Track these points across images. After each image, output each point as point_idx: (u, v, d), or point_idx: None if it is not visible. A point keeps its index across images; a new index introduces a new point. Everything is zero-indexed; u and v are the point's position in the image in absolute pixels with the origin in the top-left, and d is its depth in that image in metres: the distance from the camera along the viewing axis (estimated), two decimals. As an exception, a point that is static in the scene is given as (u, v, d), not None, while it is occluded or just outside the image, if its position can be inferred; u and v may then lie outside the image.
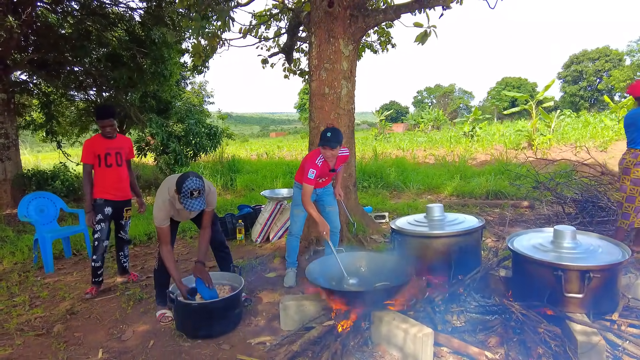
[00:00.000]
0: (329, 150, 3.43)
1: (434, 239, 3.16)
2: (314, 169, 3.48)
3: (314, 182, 3.51)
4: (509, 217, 5.43)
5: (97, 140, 3.83)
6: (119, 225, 4.06)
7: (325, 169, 3.62)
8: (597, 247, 2.73)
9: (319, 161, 3.54)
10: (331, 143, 3.40)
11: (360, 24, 4.47)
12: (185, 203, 2.80)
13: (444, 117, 36.08)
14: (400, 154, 14.86)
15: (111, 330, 3.14)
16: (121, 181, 3.90)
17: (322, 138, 3.45)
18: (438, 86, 60.13)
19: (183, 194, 2.78)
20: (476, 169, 9.58)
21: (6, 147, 9.01)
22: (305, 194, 3.48)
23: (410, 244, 3.26)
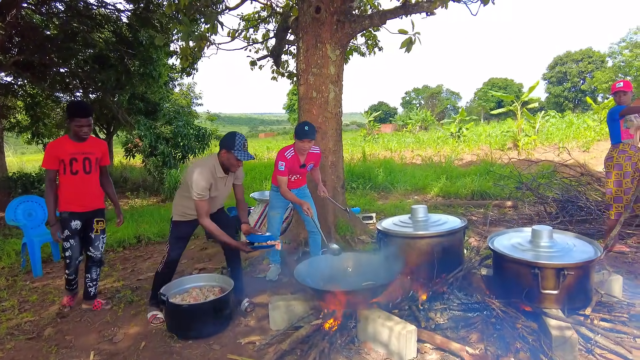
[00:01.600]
0: (307, 142, 3.68)
1: (417, 239, 3.27)
2: (283, 161, 3.73)
3: (286, 173, 3.74)
4: (490, 217, 5.58)
5: (62, 143, 3.28)
6: (87, 240, 3.48)
7: (295, 163, 3.80)
8: (572, 246, 2.86)
9: (289, 154, 3.77)
10: (310, 135, 3.67)
11: (347, 30, 4.57)
12: (240, 155, 3.00)
13: (431, 117, 36.47)
14: (389, 154, 15.02)
15: (102, 333, 3.18)
16: (89, 190, 3.39)
17: (301, 131, 3.67)
18: (426, 87, 60.73)
19: (237, 147, 2.99)
20: (462, 169, 9.76)
21: (-9, 150, 8.92)
22: (281, 184, 3.72)
23: (396, 245, 3.36)
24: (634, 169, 4.11)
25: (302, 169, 3.91)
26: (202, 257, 4.94)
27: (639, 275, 3.65)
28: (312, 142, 3.73)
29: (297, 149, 3.78)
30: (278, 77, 8.60)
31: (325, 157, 4.84)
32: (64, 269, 3.53)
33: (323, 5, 4.36)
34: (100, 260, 3.60)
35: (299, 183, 4.05)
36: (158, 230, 6.10)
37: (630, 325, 2.62)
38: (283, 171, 3.71)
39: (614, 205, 4.13)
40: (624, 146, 4.09)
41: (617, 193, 4.10)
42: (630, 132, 4.10)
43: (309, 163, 3.96)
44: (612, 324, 2.63)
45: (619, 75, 25.14)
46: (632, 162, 4.08)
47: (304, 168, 3.92)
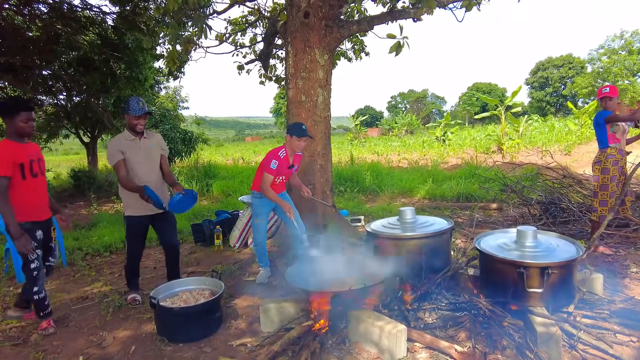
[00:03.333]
0: (303, 141, 3.75)
1: (406, 240, 3.33)
2: (277, 159, 3.75)
3: (275, 173, 3.75)
4: (476, 219, 5.68)
5: (13, 146, 2.93)
6: (46, 250, 3.33)
7: (285, 164, 3.84)
8: (556, 246, 2.95)
9: (282, 154, 3.81)
10: (307, 133, 3.77)
11: (335, 34, 4.63)
12: (134, 109, 3.38)
13: (417, 121, 36.85)
14: (375, 158, 15.15)
15: (91, 338, 3.15)
16: (46, 196, 3.21)
17: (298, 129, 3.74)
18: (411, 91, 61.43)
19: (132, 104, 3.39)
20: (447, 172, 9.91)
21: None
22: (266, 182, 3.73)
23: (386, 247, 3.41)
24: (620, 173, 4.24)
25: (289, 169, 3.94)
26: (191, 261, 4.91)
27: (618, 273, 3.77)
28: (306, 142, 3.82)
29: (290, 148, 3.82)
30: (266, 82, 8.65)
31: (314, 161, 4.89)
32: (29, 288, 3.20)
33: (312, 10, 4.42)
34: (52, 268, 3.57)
35: (281, 187, 4.08)
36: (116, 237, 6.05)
37: (610, 321, 2.71)
38: (274, 170, 3.71)
39: (599, 208, 4.25)
40: (612, 150, 4.21)
41: (603, 196, 4.23)
42: (616, 137, 4.23)
43: (296, 165, 4.01)
44: (593, 320, 2.72)
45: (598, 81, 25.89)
46: (618, 166, 4.21)
47: (291, 169, 3.97)
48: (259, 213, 4.02)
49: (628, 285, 3.52)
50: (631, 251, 4.34)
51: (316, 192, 4.94)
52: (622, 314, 2.78)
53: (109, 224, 6.88)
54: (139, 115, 3.40)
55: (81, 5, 10.28)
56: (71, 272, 4.84)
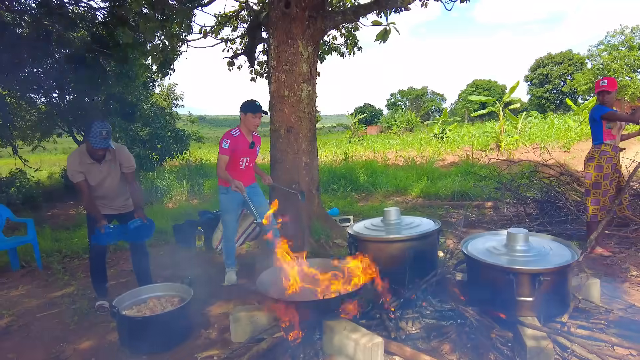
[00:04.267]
0: (258, 117, 3.64)
1: (388, 243, 3.11)
2: (228, 138, 3.62)
3: (228, 153, 3.62)
4: (469, 219, 5.46)
5: None
6: None
7: (242, 143, 3.69)
8: (549, 249, 2.72)
9: (235, 132, 3.69)
10: (262, 109, 3.64)
11: (319, 25, 4.40)
12: (93, 140, 3.03)
13: (416, 119, 36.60)
14: (372, 156, 14.92)
15: (50, 349, 2.93)
16: None
17: (252, 105, 3.64)
18: (411, 89, 61.01)
19: (92, 134, 3.02)
20: (443, 170, 9.68)
21: (-45, 152, 8.49)
22: (220, 163, 3.62)
23: (366, 249, 3.19)
24: (614, 170, 4.01)
25: (251, 149, 3.77)
26: (169, 264, 4.69)
27: (617, 277, 3.55)
28: (261, 119, 3.69)
29: (245, 127, 3.69)
30: (257, 78, 8.40)
31: (299, 158, 4.66)
32: None
33: (293, 0, 4.19)
34: None
35: (249, 176, 3.88)
36: None
37: (608, 332, 2.49)
38: (226, 149, 3.59)
39: (591, 207, 4.03)
40: (606, 147, 3.98)
41: (595, 195, 4.00)
42: (612, 133, 3.99)
43: (257, 145, 3.85)
44: (589, 331, 2.50)
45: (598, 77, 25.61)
46: (612, 163, 3.98)
47: (253, 148, 3.79)
48: (227, 209, 3.86)
49: (628, 290, 3.30)
50: (631, 252, 4.12)
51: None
52: (621, 324, 2.56)
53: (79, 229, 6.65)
54: (99, 149, 3.14)
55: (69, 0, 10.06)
56: (45, 276, 4.62)
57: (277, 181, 4.69)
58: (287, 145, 4.58)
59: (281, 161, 4.64)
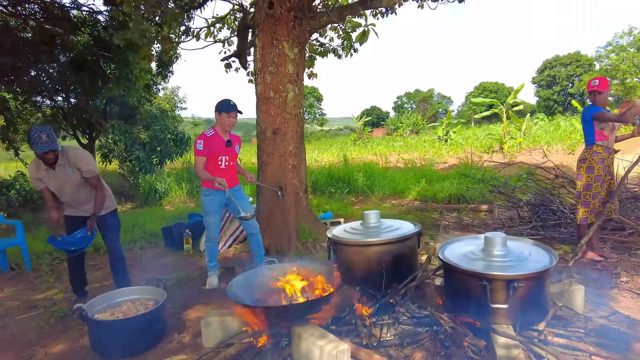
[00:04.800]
0: (232, 116, 3.61)
1: (364, 247, 3.04)
2: (202, 139, 3.60)
3: (204, 154, 3.60)
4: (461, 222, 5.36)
5: None
6: None
7: (218, 142, 3.66)
8: (528, 254, 2.63)
9: (209, 132, 3.68)
10: (236, 108, 3.62)
11: (305, 26, 4.36)
12: (35, 147, 2.93)
13: (422, 122, 36.38)
14: (374, 158, 14.84)
15: (22, 353, 2.90)
16: None
17: (226, 104, 3.62)
18: (417, 91, 60.75)
19: (32, 142, 2.93)
20: (442, 172, 9.56)
21: (-43, 155, 8.59)
22: (197, 164, 3.64)
23: (344, 253, 3.13)
24: (606, 172, 3.90)
25: (228, 147, 3.72)
26: (155, 267, 4.66)
27: (606, 283, 3.43)
28: (236, 118, 3.66)
29: (220, 126, 3.66)
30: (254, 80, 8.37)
31: (285, 161, 4.61)
32: None
33: (278, 1, 4.15)
34: None
35: (232, 176, 3.83)
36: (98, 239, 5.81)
37: (587, 340, 2.39)
38: (201, 150, 3.57)
39: (581, 209, 3.91)
40: (598, 148, 3.87)
41: (586, 197, 3.89)
42: (604, 134, 3.88)
43: (235, 144, 3.80)
44: (567, 339, 2.40)
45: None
46: (604, 164, 3.87)
47: (230, 147, 3.74)
48: (210, 211, 3.80)
49: (615, 297, 3.19)
50: (624, 257, 3.99)
51: (288, 194, 4.66)
52: (601, 333, 2.46)
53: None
54: (43, 153, 3.01)
55: (71, 5, 10.16)
56: (32, 278, 4.63)
57: (263, 182, 4.65)
58: (273, 147, 4.53)
59: (268, 163, 4.60)
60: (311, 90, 49.24)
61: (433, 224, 5.68)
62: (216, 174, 3.65)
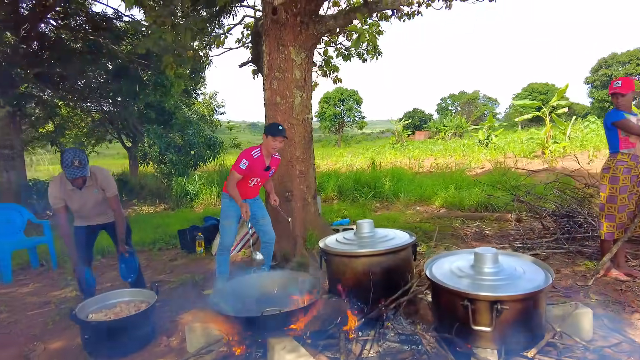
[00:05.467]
0: (278, 141, 3.52)
1: (354, 258, 2.93)
2: (247, 159, 3.50)
3: (245, 172, 3.51)
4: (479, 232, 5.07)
5: None
6: None
7: (259, 165, 3.60)
8: (521, 273, 2.42)
9: (256, 153, 3.58)
10: (284, 133, 3.53)
11: (312, 31, 4.31)
12: (67, 172, 2.95)
13: (466, 124, 35.19)
14: (407, 162, 14.51)
15: (24, 348, 3.06)
16: None
17: (275, 129, 3.54)
18: (462, 93, 58.77)
19: (64, 165, 2.93)
20: (473, 178, 9.14)
21: (11, 157, 9.31)
22: (232, 180, 3.52)
23: (334, 264, 3.04)
24: (634, 183, 3.53)
25: (265, 172, 3.70)
26: (166, 269, 4.79)
27: (627, 306, 3.09)
28: (282, 143, 3.60)
29: (266, 149, 3.60)
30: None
31: (292, 166, 4.59)
32: None
33: (283, 6, 4.13)
34: None
35: (255, 192, 3.82)
36: (138, 238, 6.04)
37: (583, 372, 2.16)
38: (243, 169, 3.49)
39: (605, 223, 3.56)
40: (623, 156, 3.51)
41: (610, 210, 3.54)
42: (630, 140, 3.51)
43: (272, 168, 3.77)
44: (559, 370, 2.18)
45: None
46: (631, 174, 3.50)
47: (267, 171, 3.72)
48: (228, 215, 3.76)
49: (635, 323, 2.86)
50: (656, 277, 3.59)
51: (295, 199, 4.63)
52: (601, 364, 2.21)
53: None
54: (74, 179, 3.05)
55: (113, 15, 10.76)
56: (55, 275, 4.90)
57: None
58: (280, 153, 4.50)
59: (274, 169, 4.59)
60: (351, 93, 49.04)
61: (452, 234, 5.43)
62: (243, 190, 3.64)
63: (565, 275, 3.73)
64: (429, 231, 5.63)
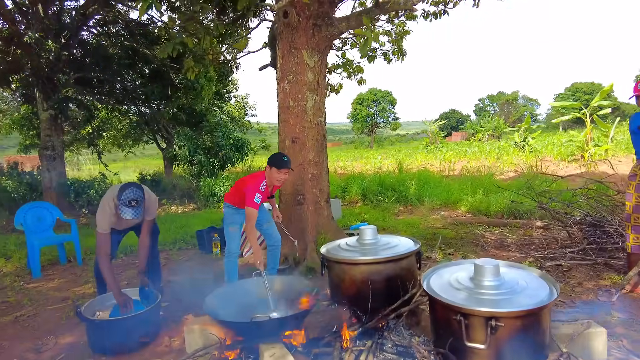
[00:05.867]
0: (283, 173, 3.49)
1: (354, 265, 2.86)
2: (260, 194, 3.44)
3: (258, 205, 3.47)
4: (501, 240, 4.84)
5: None
6: None
7: (265, 195, 3.60)
8: (524, 286, 2.27)
9: (263, 187, 3.52)
10: (289, 165, 3.49)
11: (325, 33, 4.28)
12: (122, 211, 2.93)
13: (504, 126, 33.93)
14: (438, 165, 14.16)
15: (37, 341, 3.21)
16: None
17: (278, 160, 3.49)
18: (501, 93, 56.68)
19: (121, 202, 2.93)
20: (503, 183, 8.77)
21: (52, 158, 9.86)
22: (250, 219, 3.39)
23: (334, 271, 2.99)
24: None
25: (269, 198, 3.82)
26: (181, 270, 4.89)
27: (654, 326, 2.84)
28: (287, 175, 3.56)
29: (269, 180, 3.56)
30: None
31: (305, 170, 4.56)
32: None
33: (295, 9, 4.12)
34: None
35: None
36: (162, 237, 6.19)
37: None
38: (258, 204, 3.41)
39: (632, 235, 3.30)
40: None
41: (637, 221, 3.27)
42: None
43: (274, 191, 3.86)
44: (560, 394, 2.02)
45: None
46: None
47: (270, 198, 3.83)
48: (232, 221, 3.81)
49: (660, 345, 2.62)
50: (691, 296, 3.28)
51: (307, 203, 4.61)
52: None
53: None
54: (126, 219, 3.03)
55: (147, 21, 11.17)
56: (79, 272, 5.12)
57: (283, 193, 4.67)
58: (292, 156, 4.50)
59: (287, 172, 4.59)
60: (384, 94, 48.51)
61: (473, 241, 5.22)
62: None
63: (587, 289, 3.49)
64: (449, 238, 5.44)
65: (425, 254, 4.78)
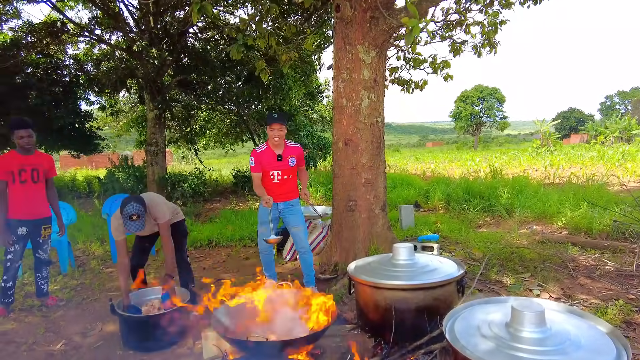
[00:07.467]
0: (276, 127, 3.53)
1: (376, 289, 2.52)
2: (253, 155, 3.66)
3: (258, 169, 3.64)
4: (594, 268, 3.95)
5: (10, 156, 3.55)
6: (36, 244, 3.72)
7: (268, 157, 3.62)
8: (578, 345, 1.72)
9: (260, 148, 3.68)
10: (278, 120, 3.54)
11: (382, 26, 3.92)
12: (125, 225, 3.07)
13: (638, 126, 28.92)
14: (543, 170, 12.54)
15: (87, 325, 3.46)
16: (36, 199, 3.62)
17: (268, 117, 3.63)
18: (635, 90, 48.11)
19: (124, 217, 3.05)
20: (614, 196, 7.32)
21: (155, 153, 10.96)
22: (254, 179, 3.69)
23: (358, 292, 2.68)
24: None
25: (280, 162, 3.65)
26: (236, 267, 4.95)
27: None
28: (283, 128, 3.60)
29: (270, 139, 3.65)
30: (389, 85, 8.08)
31: (357, 174, 4.26)
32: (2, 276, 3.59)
33: (350, 2, 3.84)
34: (49, 261, 3.85)
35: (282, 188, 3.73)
36: (230, 233, 6.41)
37: None
38: (254, 166, 3.64)
39: None
40: None
41: None
42: None
43: (289, 156, 3.69)
44: None
45: None
46: None
47: (282, 161, 3.65)
48: (262, 221, 3.82)
49: None
50: None
51: (360, 210, 4.31)
52: None
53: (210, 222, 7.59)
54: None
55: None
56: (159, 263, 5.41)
57: (335, 197, 4.45)
58: (345, 159, 4.25)
59: (338, 176, 4.34)
60: (492, 91, 44.80)
61: (560, 265, 4.38)
62: (268, 189, 3.68)
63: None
64: (530, 259, 4.65)
65: (495, 276, 4.13)
